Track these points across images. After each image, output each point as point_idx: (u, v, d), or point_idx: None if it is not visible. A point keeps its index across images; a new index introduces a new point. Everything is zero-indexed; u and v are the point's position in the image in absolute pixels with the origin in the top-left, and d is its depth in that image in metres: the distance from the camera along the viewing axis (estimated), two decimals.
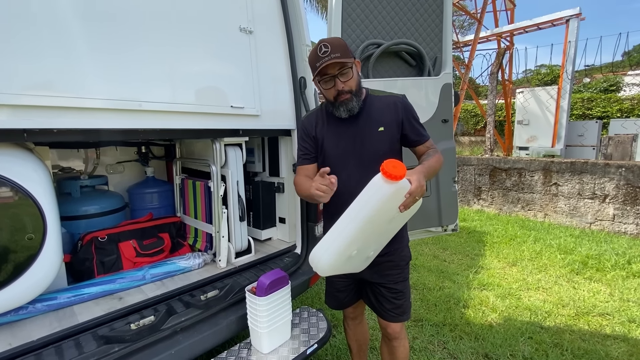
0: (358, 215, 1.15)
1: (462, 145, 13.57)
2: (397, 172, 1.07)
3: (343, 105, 1.33)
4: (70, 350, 1.24)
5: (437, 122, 2.44)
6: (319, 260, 1.23)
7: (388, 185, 1.09)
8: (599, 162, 4.54)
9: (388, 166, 1.08)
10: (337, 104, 1.34)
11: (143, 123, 1.45)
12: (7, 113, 1.15)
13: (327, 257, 1.21)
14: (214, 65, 1.71)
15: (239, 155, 2.06)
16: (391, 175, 1.07)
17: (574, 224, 4.76)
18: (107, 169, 2.50)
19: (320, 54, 1.26)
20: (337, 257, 1.22)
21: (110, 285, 1.64)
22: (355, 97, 1.33)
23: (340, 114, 1.36)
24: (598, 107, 10.94)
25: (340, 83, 1.29)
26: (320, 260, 1.22)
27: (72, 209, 2.00)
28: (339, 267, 1.28)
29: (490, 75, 8.09)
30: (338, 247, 1.19)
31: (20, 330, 1.35)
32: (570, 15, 7.28)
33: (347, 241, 1.18)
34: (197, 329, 1.46)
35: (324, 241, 1.22)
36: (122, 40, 1.38)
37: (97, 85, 1.32)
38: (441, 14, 2.44)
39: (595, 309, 2.59)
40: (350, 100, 1.32)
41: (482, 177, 5.75)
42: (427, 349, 2.17)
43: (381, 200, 1.12)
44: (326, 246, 1.21)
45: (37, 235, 1.32)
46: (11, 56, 1.13)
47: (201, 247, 2.16)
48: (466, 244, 4.13)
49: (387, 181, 1.09)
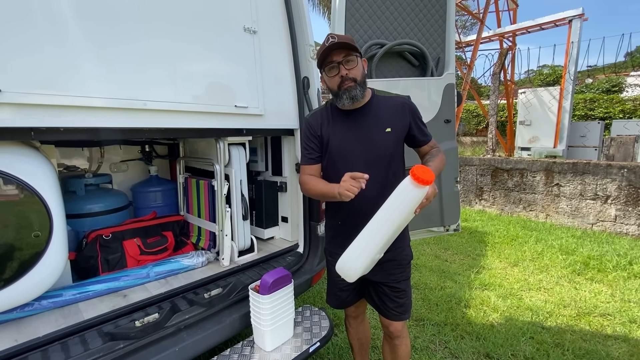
0: (390, 219, 1.17)
1: (464, 145, 13.56)
2: (427, 176, 1.09)
3: (346, 92, 1.32)
4: (76, 347, 1.25)
5: (439, 122, 2.45)
6: (350, 267, 1.24)
7: (418, 190, 1.11)
8: (601, 163, 4.53)
9: (419, 171, 1.10)
10: (340, 92, 1.34)
11: (148, 122, 1.46)
12: (14, 112, 1.16)
13: (359, 263, 1.23)
14: (218, 65, 1.72)
15: (243, 155, 2.07)
16: (423, 180, 1.08)
17: (576, 225, 4.76)
18: (111, 167, 2.52)
19: (327, 43, 1.29)
20: (369, 262, 1.24)
21: (114, 282, 1.66)
22: (359, 86, 1.33)
23: (343, 103, 1.35)
24: (600, 107, 10.91)
25: (344, 69, 1.31)
26: (351, 267, 1.24)
27: (77, 207, 2.02)
28: (365, 272, 1.30)
29: (493, 75, 8.08)
30: (371, 253, 1.21)
31: (27, 326, 1.37)
32: (573, 16, 7.27)
33: (379, 246, 1.21)
34: (201, 327, 1.47)
35: (355, 248, 1.23)
36: (128, 40, 1.39)
37: (103, 84, 1.33)
38: (444, 14, 2.45)
39: (597, 310, 2.60)
40: (354, 88, 1.32)
41: (484, 178, 5.75)
42: (429, 348, 2.18)
43: (411, 204, 1.14)
44: (357, 253, 1.23)
45: (44, 232, 1.33)
46: (18, 56, 1.14)
47: (204, 245, 2.17)
48: (468, 244, 4.13)
49: (418, 186, 1.10)
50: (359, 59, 1.34)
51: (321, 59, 1.34)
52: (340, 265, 1.28)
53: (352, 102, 1.35)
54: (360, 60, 1.35)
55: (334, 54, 1.30)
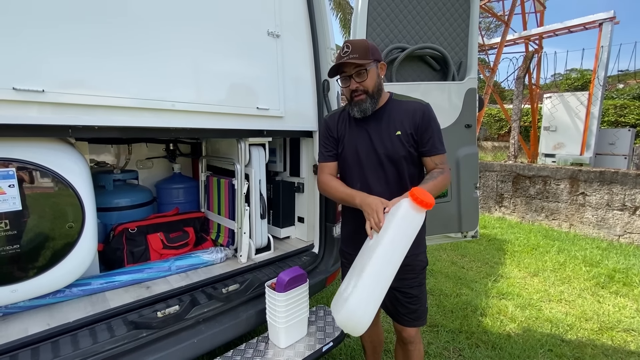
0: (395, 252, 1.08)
1: (484, 150, 13.24)
2: (428, 199, 1.06)
3: (357, 105, 1.37)
4: (103, 333, 1.32)
5: (460, 127, 2.42)
6: (361, 318, 1.05)
7: (421, 214, 1.09)
8: (630, 172, 4.34)
9: (419, 193, 1.06)
10: (352, 103, 1.39)
11: (175, 122, 1.53)
12: (55, 110, 1.24)
13: (370, 311, 1.06)
14: (242, 68, 1.77)
15: (262, 155, 2.12)
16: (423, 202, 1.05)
17: (602, 236, 4.57)
18: (137, 164, 2.63)
19: (341, 53, 1.32)
20: (379, 304, 1.09)
21: (138, 274, 1.73)
22: (370, 98, 1.35)
23: (354, 113, 1.40)
24: (632, 114, 10.41)
25: (354, 83, 1.34)
26: (362, 318, 1.06)
27: (106, 201, 2.12)
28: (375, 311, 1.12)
29: (517, 79, 7.87)
30: (380, 295, 1.07)
31: (58, 312, 1.45)
32: (604, 19, 6.98)
33: (388, 284, 1.09)
34: (219, 321, 1.52)
35: (360, 297, 1.06)
36: (159, 45, 1.47)
37: (135, 85, 1.41)
38: (467, 18, 2.42)
39: (620, 325, 2.50)
40: (364, 101, 1.35)
41: (505, 184, 5.61)
42: (442, 355, 2.16)
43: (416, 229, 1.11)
44: (365, 302, 1.06)
45: (77, 224, 1.42)
46: (58, 57, 1.23)
47: (223, 242, 2.24)
48: (486, 252, 4.05)
49: (420, 210, 1.08)
50: (371, 69, 1.33)
51: (334, 70, 1.37)
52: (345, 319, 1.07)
53: (363, 115, 1.38)
54: (373, 70, 1.34)
55: (345, 65, 1.33)
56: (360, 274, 1.10)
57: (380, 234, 1.11)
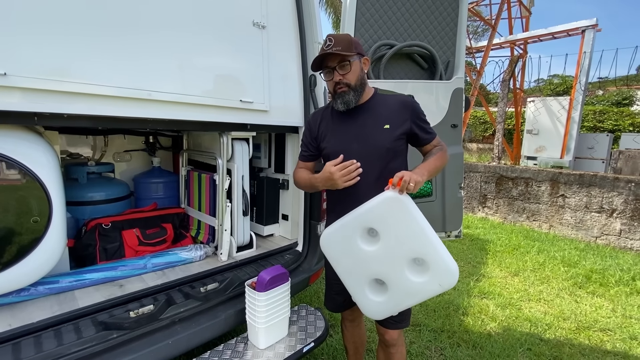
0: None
1: (469, 151, 13.48)
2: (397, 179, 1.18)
3: (340, 97, 1.36)
4: (69, 335, 1.24)
5: (446, 126, 2.42)
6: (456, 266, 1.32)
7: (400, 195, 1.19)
8: (608, 176, 4.47)
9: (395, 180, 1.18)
10: (335, 96, 1.38)
11: (152, 112, 1.45)
12: (19, 96, 1.16)
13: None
14: (225, 59, 1.71)
15: (246, 150, 2.06)
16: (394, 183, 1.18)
17: (580, 237, 4.70)
18: (114, 156, 2.52)
19: (324, 46, 1.31)
20: None
21: (111, 272, 1.65)
22: (353, 91, 1.35)
23: (337, 106, 1.39)
24: (610, 120, 10.78)
25: (337, 75, 1.33)
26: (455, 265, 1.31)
27: (78, 194, 2.02)
28: None
29: (502, 82, 8.02)
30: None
31: (21, 311, 1.36)
32: (587, 26, 7.18)
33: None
34: (196, 321, 1.46)
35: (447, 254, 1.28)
36: (135, 30, 1.39)
37: (108, 73, 1.33)
38: (456, 17, 2.42)
39: (597, 324, 2.56)
40: (347, 93, 1.35)
41: (488, 185, 5.70)
42: (424, 354, 2.15)
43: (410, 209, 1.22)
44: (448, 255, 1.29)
45: (43, 218, 1.33)
46: (24, 40, 1.14)
47: (203, 239, 2.17)
48: (468, 252, 4.10)
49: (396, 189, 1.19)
50: (355, 62, 1.33)
51: (317, 63, 1.36)
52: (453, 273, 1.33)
53: (346, 107, 1.37)
54: (357, 63, 1.35)
55: (328, 59, 1.33)
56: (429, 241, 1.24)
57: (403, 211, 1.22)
